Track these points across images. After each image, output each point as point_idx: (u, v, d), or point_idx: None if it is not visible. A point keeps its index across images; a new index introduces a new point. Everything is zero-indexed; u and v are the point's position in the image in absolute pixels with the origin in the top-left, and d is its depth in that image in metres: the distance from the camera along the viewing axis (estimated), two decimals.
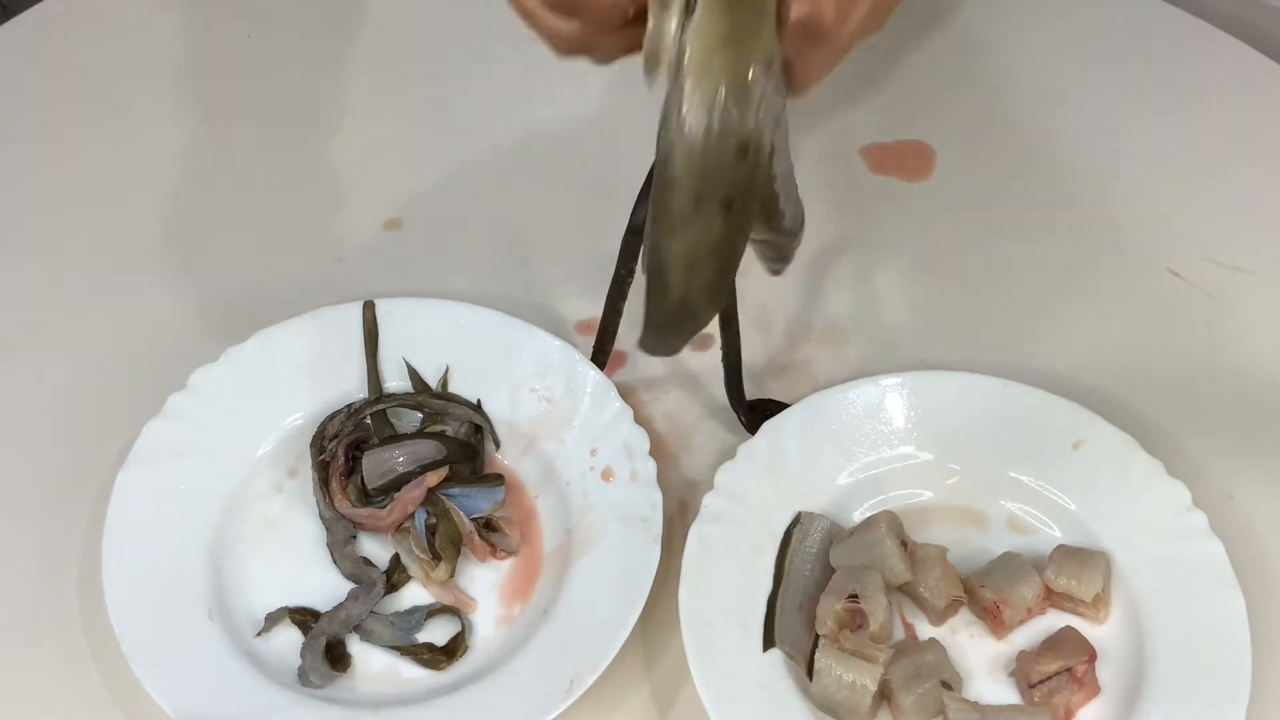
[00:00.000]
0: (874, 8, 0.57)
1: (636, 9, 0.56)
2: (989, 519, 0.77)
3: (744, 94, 0.53)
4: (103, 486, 0.78)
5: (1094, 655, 0.71)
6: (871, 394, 0.79)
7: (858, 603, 0.71)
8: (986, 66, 1.00)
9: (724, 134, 0.53)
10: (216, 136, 0.98)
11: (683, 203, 0.53)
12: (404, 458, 0.77)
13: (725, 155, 0.53)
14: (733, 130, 0.53)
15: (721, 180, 0.53)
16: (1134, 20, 1.03)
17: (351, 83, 1.01)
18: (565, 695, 0.69)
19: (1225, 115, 0.97)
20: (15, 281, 0.91)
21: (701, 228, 0.53)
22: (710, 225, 0.53)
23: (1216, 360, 0.85)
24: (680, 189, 0.53)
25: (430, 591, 0.76)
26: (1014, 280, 0.89)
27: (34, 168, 0.97)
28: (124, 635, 0.71)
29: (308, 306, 0.84)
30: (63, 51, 1.04)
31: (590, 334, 0.83)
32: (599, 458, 0.78)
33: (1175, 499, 0.75)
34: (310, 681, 0.72)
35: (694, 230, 0.53)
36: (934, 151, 0.95)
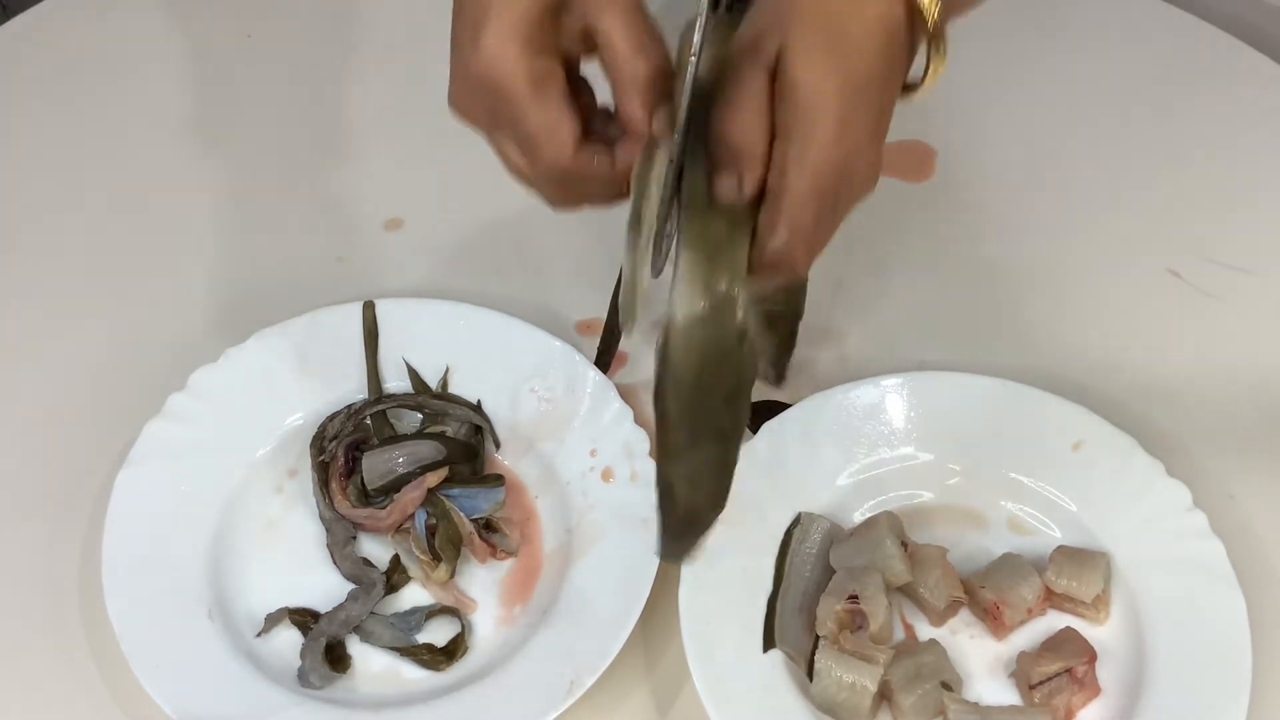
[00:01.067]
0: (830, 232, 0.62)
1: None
2: (989, 519, 0.77)
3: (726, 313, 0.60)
4: (103, 486, 0.78)
5: (1094, 656, 0.71)
6: (871, 395, 0.79)
7: (858, 603, 0.71)
8: (986, 67, 1.00)
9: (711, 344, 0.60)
10: (216, 136, 0.98)
11: (680, 439, 0.60)
12: (404, 458, 0.77)
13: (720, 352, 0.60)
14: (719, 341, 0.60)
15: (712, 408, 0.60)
16: (1134, 20, 1.03)
17: (352, 83, 1.01)
18: (565, 695, 0.69)
19: (1225, 115, 0.97)
20: (15, 281, 0.91)
21: (699, 456, 0.60)
22: (706, 451, 0.60)
23: (1216, 360, 0.85)
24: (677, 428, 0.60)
25: (430, 592, 0.76)
26: (1014, 280, 0.89)
27: (34, 167, 0.97)
28: (124, 635, 0.71)
29: (308, 306, 0.84)
30: (63, 51, 1.04)
31: (590, 334, 0.83)
32: (599, 458, 0.78)
33: (1175, 499, 0.75)
34: (310, 682, 0.72)
35: (692, 459, 0.60)
36: (934, 151, 0.95)
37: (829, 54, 0.57)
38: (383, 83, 1.01)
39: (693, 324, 0.59)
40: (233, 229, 0.93)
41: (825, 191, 0.58)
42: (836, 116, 0.57)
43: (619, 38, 0.59)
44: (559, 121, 0.59)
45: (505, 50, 0.58)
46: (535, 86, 0.59)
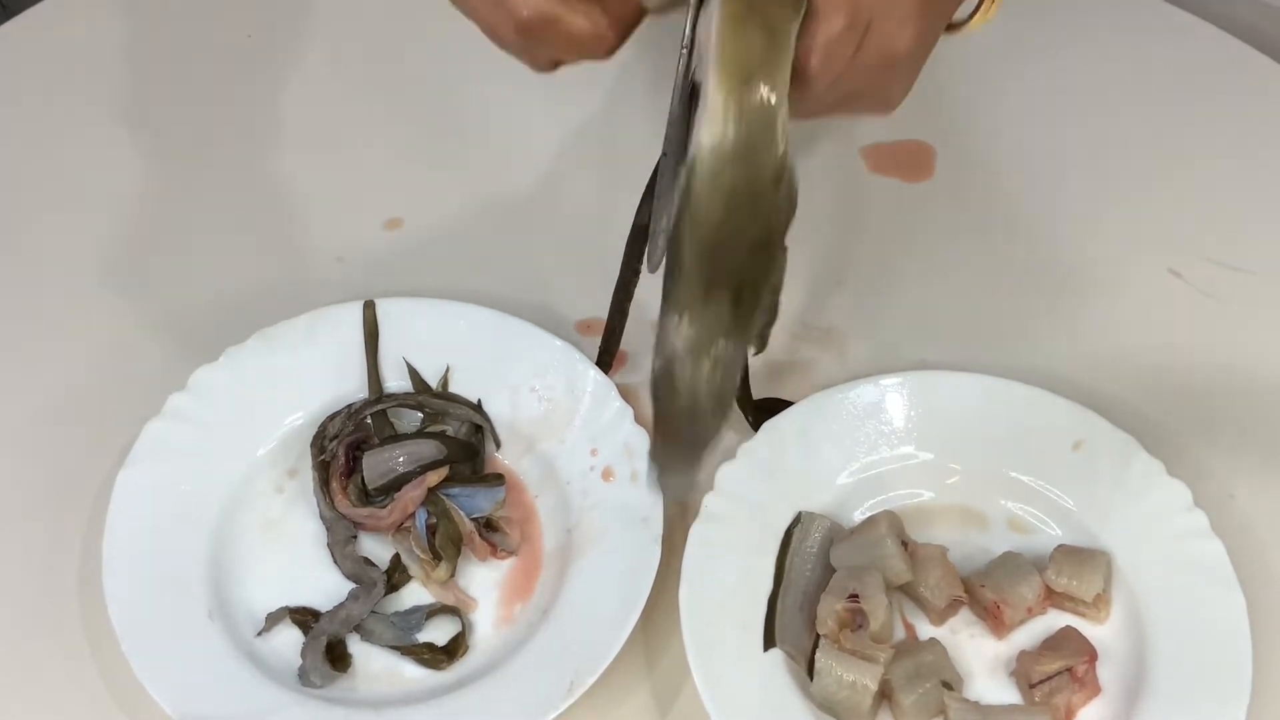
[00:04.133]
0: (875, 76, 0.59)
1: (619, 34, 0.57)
2: (989, 519, 0.77)
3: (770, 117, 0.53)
4: (103, 486, 0.78)
5: (1094, 655, 0.71)
6: (871, 394, 0.79)
7: (858, 603, 0.71)
8: (986, 67, 1.00)
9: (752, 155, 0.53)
10: (217, 136, 0.98)
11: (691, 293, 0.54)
12: (404, 458, 0.77)
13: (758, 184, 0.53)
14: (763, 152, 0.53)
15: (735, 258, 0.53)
16: (1134, 20, 1.03)
17: (352, 82, 1.01)
18: (565, 695, 0.69)
19: (1225, 115, 0.97)
20: (15, 281, 0.91)
21: (710, 317, 0.54)
22: (719, 313, 0.54)
23: (1216, 360, 0.85)
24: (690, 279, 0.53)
25: (430, 591, 0.76)
26: (1014, 280, 0.89)
27: (34, 167, 0.97)
28: (124, 635, 0.71)
29: (308, 306, 0.83)
30: (63, 51, 1.04)
31: (590, 334, 0.83)
32: (599, 457, 0.78)
33: (1175, 499, 0.75)
34: (311, 681, 0.72)
35: (702, 321, 0.54)
36: (934, 151, 0.95)
37: None
38: (383, 83, 1.01)
39: (722, 156, 0.52)
40: (233, 228, 0.93)
41: (860, 10, 0.57)
42: None
43: None
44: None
45: None
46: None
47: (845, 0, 0.57)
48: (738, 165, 0.52)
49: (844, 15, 0.57)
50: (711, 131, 0.52)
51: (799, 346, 0.85)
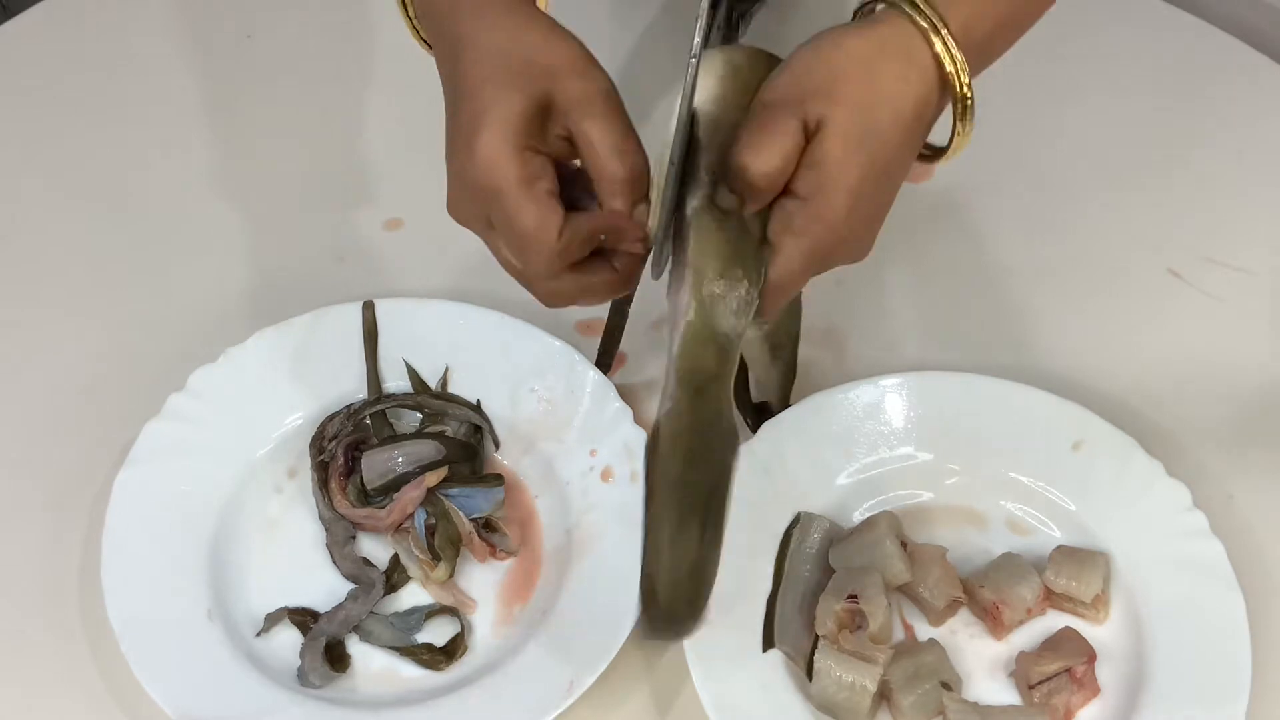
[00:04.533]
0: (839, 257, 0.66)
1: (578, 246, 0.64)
2: (989, 519, 0.77)
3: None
4: (103, 486, 0.78)
5: (1094, 656, 0.71)
6: (871, 394, 0.79)
7: (857, 603, 0.71)
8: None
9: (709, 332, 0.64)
10: (216, 136, 0.98)
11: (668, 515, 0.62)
12: (403, 458, 0.77)
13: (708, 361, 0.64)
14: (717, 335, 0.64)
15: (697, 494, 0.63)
16: (1134, 20, 1.03)
17: (351, 82, 1.01)
18: (565, 695, 0.69)
19: (1225, 115, 0.97)
20: (15, 281, 0.91)
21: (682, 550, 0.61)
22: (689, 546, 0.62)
23: (1216, 360, 0.85)
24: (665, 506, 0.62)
25: (430, 592, 0.76)
26: (1014, 280, 0.89)
27: (34, 167, 0.97)
28: (124, 635, 0.71)
29: (308, 306, 0.84)
30: (63, 51, 1.04)
31: (590, 334, 0.83)
32: (599, 458, 0.78)
33: (1175, 499, 0.75)
34: (310, 682, 0.72)
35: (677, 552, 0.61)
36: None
37: (862, 142, 0.62)
38: (383, 82, 1.01)
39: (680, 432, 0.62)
40: (233, 229, 0.93)
41: (818, 258, 0.64)
42: (851, 198, 0.62)
43: (598, 141, 0.63)
44: (547, 217, 0.62)
45: (499, 154, 0.62)
46: (526, 185, 0.62)
47: (801, 256, 0.63)
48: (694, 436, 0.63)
49: (801, 270, 0.64)
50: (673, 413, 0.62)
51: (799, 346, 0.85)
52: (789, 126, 0.61)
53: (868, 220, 0.64)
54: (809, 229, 0.63)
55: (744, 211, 0.63)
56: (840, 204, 0.62)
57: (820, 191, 0.62)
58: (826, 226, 0.62)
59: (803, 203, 0.62)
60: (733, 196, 0.63)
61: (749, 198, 0.63)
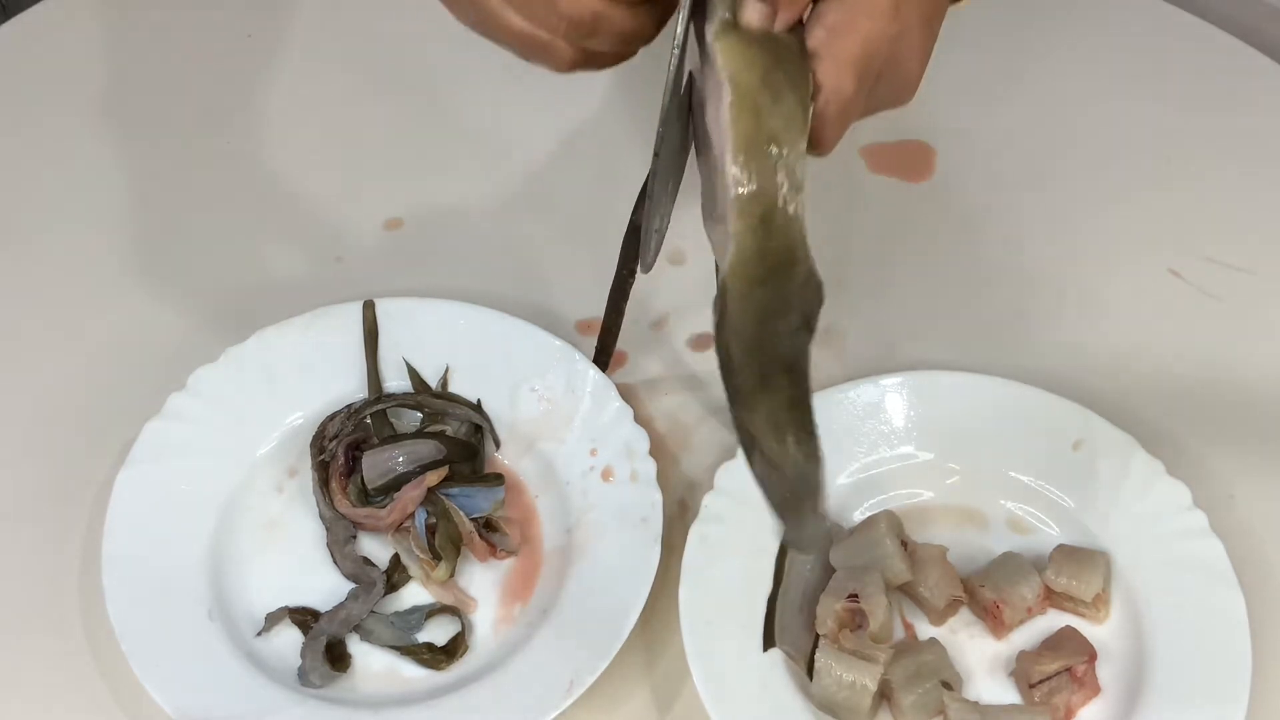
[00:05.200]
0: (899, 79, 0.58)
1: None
2: (989, 519, 0.77)
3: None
4: (103, 486, 0.78)
5: (1094, 655, 0.71)
6: (871, 394, 0.79)
7: (858, 603, 0.71)
8: (986, 66, 1.00)
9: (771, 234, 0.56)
10: (216, 136, 0.98)
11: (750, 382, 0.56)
12: (404, 458, 0.77)
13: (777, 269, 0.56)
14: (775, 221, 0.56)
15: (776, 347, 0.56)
16: (1134, 20, 1.03)
17: (351, 83, 1.01)
18: (565, 695, 0.69)
19: (1225, 115, 0.97)
20: (15, 281, 0.91)
21: (773, 400, 0.56)
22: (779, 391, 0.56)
23: (1216, 360, 0.85)
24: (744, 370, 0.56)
25: (430, 591, 0.76)
26: (1014, 280, 0.89)
27: (34, 167, 0.97)
28: (124, 635, 0.71)
29: (308, 306, 0.84)
30: (63, 51, 1.04)
31: (590, 333, 0.83)
32: (599, 457, 0.78)
33: (1175, 499, 0.75)
34: (310, 681, 0.72)
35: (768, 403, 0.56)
36: (934, 151, 0.95)
37: None
38: (383, 82, 1.01)
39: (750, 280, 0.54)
40: (232, 228, 0.93)
41: (871, 64, 0.56)
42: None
43: None
44: None
45: None
46: None
47: (850, 63, 0.56)
48: (766, 288, 0.55)
49: (852, 79, 0.56)
50: (738, 261, 0.54)
51: None
52: None
53: (919, 22, 0.57)
54: (856, 24, 0.55)
55: (777, 24, 0.55)
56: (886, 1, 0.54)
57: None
58: (873, 19, 0.55)
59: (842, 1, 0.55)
60: (760, 5, 0.55)
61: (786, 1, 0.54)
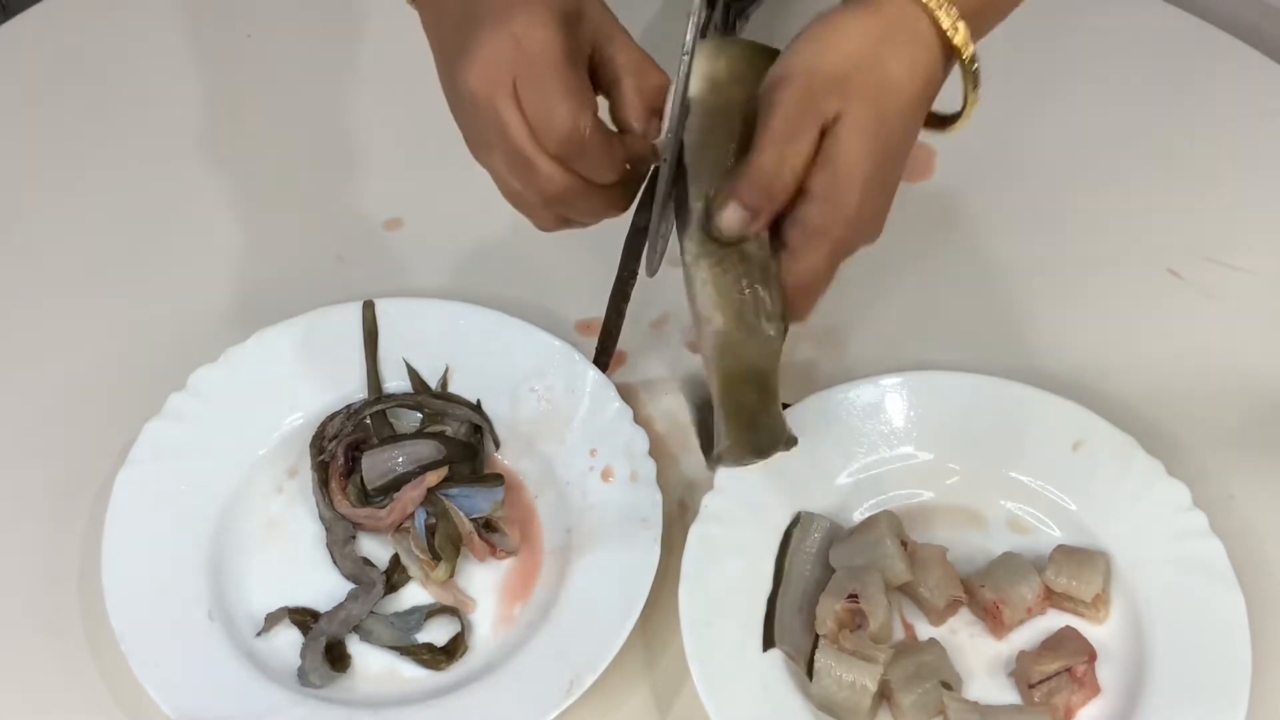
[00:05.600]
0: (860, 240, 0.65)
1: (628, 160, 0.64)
2: (989, 519, 0.77)
3: None
4: (103, 486, 0.78)
5: (1094, 655, 0.71)
6: (871, 394, 0.79)
7: (858, 603, 0.71)
8: (986, 67, 0.99)
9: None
10: (216, 136, 0.98)
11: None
12: (403, 458, 0.77)
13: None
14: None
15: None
16: (1134, 20, 1.03)
17: (352, 82, 1.01)
18: (565, 695, 0.69)
19: (1225, 115, 0.97)
20: (16, 281, 0.91)
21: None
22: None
23: (1216, 360, 0.85)
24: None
25: (430, 592, 0.76)
26: (1014, 280, 0.89)
27: (34, 167, 0.97)
28: (124, 635, 0.71)
29: (308, 306, 0.84)
30: (63, 51, 1.04)
31: (590, 334, 0.83)
32: (599, 458, 0.78)
33: (1175, 499, 0.75)
34: (310, 681, 0.72)
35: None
36: (934, 151, 0.95)
37: (875, 134, 0.62)
38: (383, 82, 1.01)
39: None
40: (232, 229, 0.93)
41: (841, 251, 0.64)
42: (866, 189, 0.62)
43: (625, 51, 0.64)
44: (585, 91, 0.62)
45: (544, 24, 0.61)
46: (570, 57, 0.61)
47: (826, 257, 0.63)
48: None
49: (828, 269, 0.64)
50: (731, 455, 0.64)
51: (799, 347, 0.85)
52: (809, 132, 0.61)
53: (883, 204, 0.64)
54: (830, 228, 0.62)
55: (755, 227, 0.62)
56: (857, 198, 0.62)
57: (836, 189, 0.61)
58: (846, 221, 0.62)
59: (819, 202, 0.62)
60: (736, 214, 0.62)
61: (766, 207, 0.62)
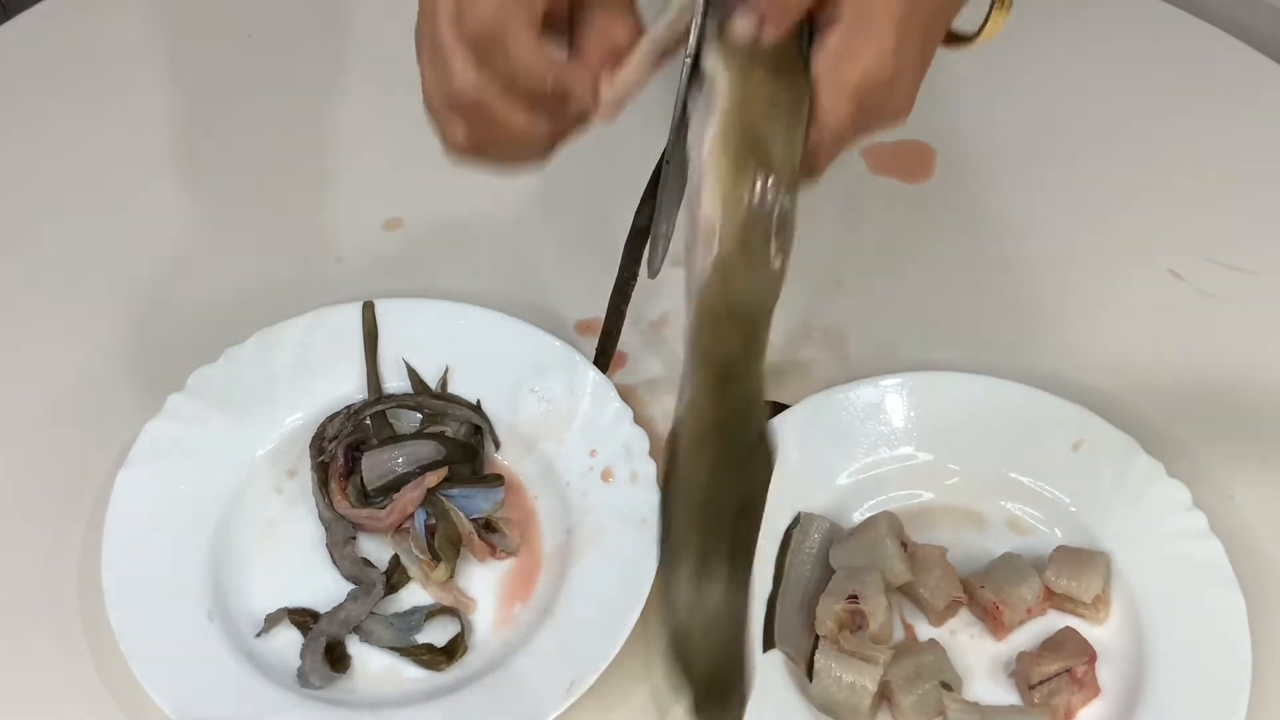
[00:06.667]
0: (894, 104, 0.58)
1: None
2: (989, 519, 0.77)
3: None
4: (103, 486, 0.78)
5: (1094, 656, 0.71)
6: (871, 394, 0.79)
7: (857, 603, 0.71)
8: (986, 67, 1.00)
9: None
10: (216, 136, 0.98)
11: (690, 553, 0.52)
12: (403, 458, 0.77)
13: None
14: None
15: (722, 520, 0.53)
16: (1134, 20, 1.03)
17: (351, 83, 1.01)
18: (565, 695, 0.69)
19: (1225, 115, 0.97)
20: (15, 281, 0.91)
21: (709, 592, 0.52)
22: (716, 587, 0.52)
23: (1216, 360, 0.85)
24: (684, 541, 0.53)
25: (430, 592, 0.76)
26: (1014, 280, 0.89)
27: (33, 167, 0.97)
28: (124, 635, 0.71)
29: (308, 306, 0.84)
30: (63, 51, 1.04)
31: (590, 334, 0.83)
32: (599, 458, 0.78)
33: (1175, 499, 0.75)
34: (310, 682, 0.72)
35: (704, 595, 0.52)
36: (934, 152, 0.95)
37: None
38: (383, 82, 1.01)
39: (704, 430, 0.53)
40: (233, 228, 0.93)
41: (871, 92, 0.56)
42: (900, 26, 0.55)
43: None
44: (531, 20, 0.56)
45: None
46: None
47: (851, 90, 0.56)
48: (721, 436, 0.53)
49: (851, 106, 0.56)
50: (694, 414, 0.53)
51: (799, 346, 0.85)
52: None
53: (916, 56, 0.57)
54: (858, 55, 0.55)
55: (764, 37, 0.54)
56: (889, 29, 0.55)
57: (868, 12, 0.55)
58: (876, 54, 0.55)
59: (846, 26, 0.55)
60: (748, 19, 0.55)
61: (775, 14, 0.54)
